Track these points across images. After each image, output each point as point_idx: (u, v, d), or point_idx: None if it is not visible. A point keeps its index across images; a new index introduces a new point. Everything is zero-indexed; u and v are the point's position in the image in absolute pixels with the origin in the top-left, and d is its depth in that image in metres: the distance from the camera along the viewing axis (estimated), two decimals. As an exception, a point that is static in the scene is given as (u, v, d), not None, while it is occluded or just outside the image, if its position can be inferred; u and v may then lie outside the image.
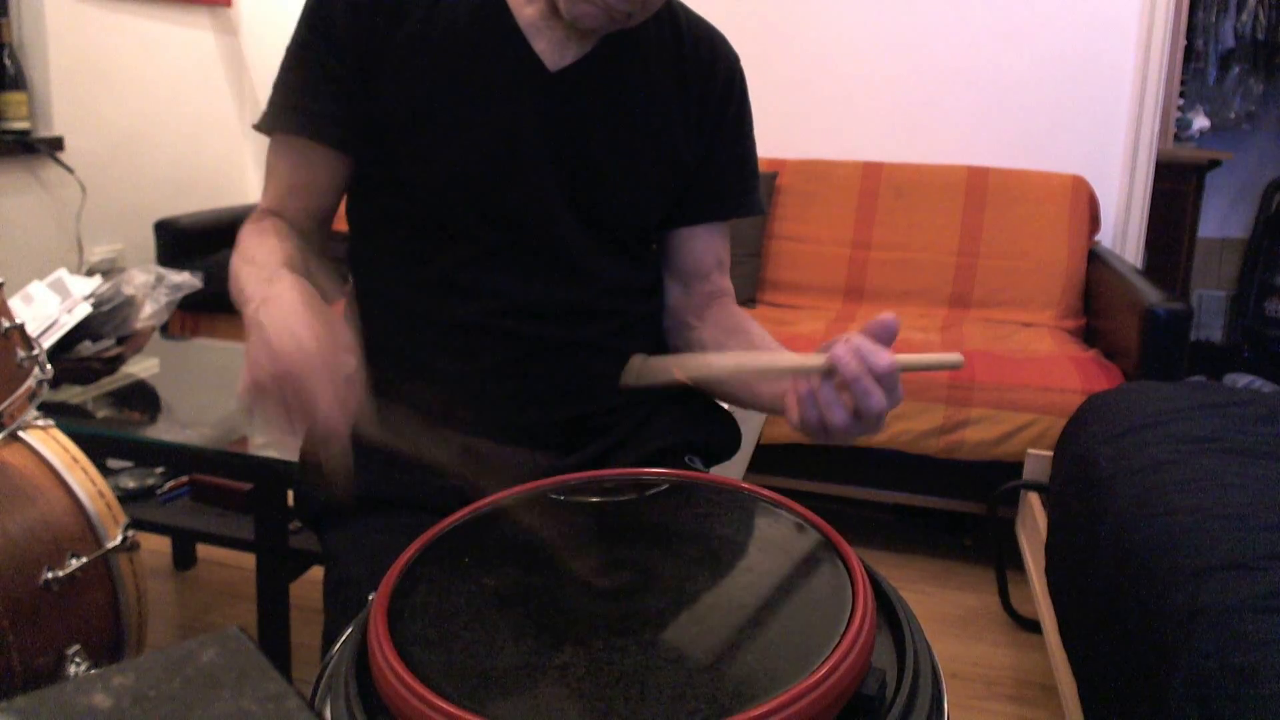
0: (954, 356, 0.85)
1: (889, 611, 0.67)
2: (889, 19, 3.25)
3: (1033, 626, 2.26)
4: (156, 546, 2.40)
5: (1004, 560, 2.36)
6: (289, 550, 1.82)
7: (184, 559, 2.42)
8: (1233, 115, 4.19)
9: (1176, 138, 4.10)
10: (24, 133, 2.90)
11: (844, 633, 0.58)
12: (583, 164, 1.06)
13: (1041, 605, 2.00)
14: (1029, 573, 2.19)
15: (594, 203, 1.08)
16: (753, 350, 1.07)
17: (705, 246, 1.19)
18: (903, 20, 3.24)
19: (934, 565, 2.59)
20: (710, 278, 1.20)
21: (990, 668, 2.11)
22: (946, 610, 2.36)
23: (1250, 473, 1.55)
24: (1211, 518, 1.40)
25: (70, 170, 3.00)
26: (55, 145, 2.97)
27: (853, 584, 0.64)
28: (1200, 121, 4.19)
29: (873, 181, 3.15)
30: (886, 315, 0.80)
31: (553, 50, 1.05)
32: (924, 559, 2.62)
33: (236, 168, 3.60)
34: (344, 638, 0.66)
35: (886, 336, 0.80)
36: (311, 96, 1.03)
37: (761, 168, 1.39)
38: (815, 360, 0.80)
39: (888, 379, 0.78)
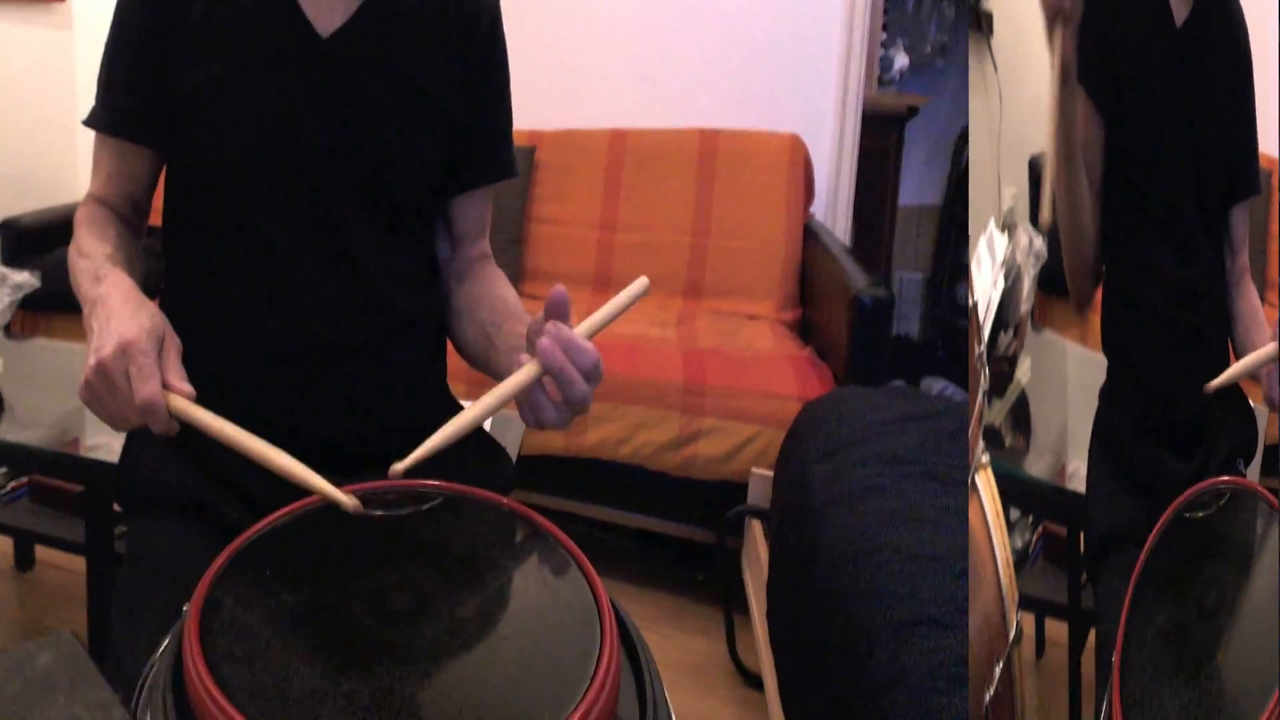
0: (639, 284, 0.92)
1: (632, 656, 0.74)
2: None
3: (757, 682, 1.97)
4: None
5: (733, 600, 2.14)
6: (115, 555, 1.82)
7: (24, 559, 2.49)
8: (929, 48, 4.16)
9: (881, 81, 4.08)
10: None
11: (589, 685, 0.63)
12: (360, 136, 1.06)
13: (763, 656, 1.77)
14: (752, 617, 1.96)
15: (373, 175, 1.07)
16: (502, 359, 1.05)
17: (475, 213, 1.21)
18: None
19: (670, 601, 2.41)
20: (476, 243, 1.22)
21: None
22: (680, 657, 2.18)
23: (945, 502, 1.48)
24: (913, 559, 1.32)
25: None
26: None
27: (601, 630, 0.69)
28: (901, 60, 4.15)
29: (618, 152, 3.12)
30: (558, 289, 0.86)
31: (321, 13, 1.05)
32: (662, 594, 2.44)
33: (71, 165, 3.54)
34: (162, 648, 0.72)
35: (564, 311, 0.86)
36: (118, 92, 1.08)
37: (519, 140, 1.37)
38: (533, 372, 0.85)
39: (593, 371, 0.84)
